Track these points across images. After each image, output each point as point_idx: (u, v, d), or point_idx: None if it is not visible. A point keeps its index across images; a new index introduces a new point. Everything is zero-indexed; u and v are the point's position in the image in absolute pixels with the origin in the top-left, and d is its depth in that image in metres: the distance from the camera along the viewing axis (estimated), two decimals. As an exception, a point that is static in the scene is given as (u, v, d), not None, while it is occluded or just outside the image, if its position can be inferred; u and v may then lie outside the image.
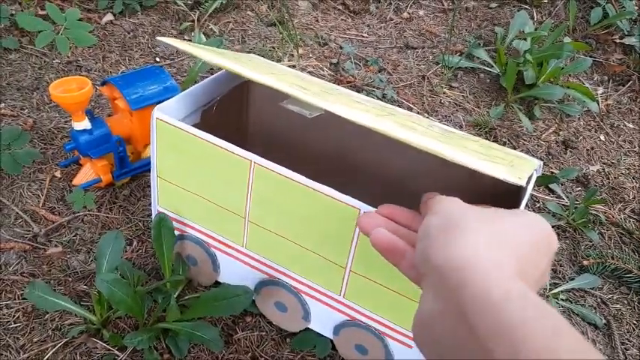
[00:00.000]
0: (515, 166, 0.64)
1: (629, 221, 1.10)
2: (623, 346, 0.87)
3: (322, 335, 0.75)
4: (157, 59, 1.32)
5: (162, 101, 0.95)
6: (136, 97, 0.91)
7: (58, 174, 0.97)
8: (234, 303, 0.67)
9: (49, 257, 0.84)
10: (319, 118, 0.82)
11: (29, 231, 0.88)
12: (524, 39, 1.48)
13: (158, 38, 0.66)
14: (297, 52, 1.35)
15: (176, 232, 0.77)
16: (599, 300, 0.94)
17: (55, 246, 0.86)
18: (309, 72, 1.32)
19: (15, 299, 0.79)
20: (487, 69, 1.44)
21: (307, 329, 0.76)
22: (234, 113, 0.88)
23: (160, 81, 0.95)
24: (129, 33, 1.38)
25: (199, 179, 0.72)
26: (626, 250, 1.04)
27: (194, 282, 0.82)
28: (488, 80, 1.43)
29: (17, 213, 0.90)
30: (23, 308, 0.78)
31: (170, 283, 0.75)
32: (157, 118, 0.70)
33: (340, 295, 0.69)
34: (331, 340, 0.75)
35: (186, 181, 0.73)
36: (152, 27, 1.41)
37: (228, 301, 0.68)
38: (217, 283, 0.81)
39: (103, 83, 0.94)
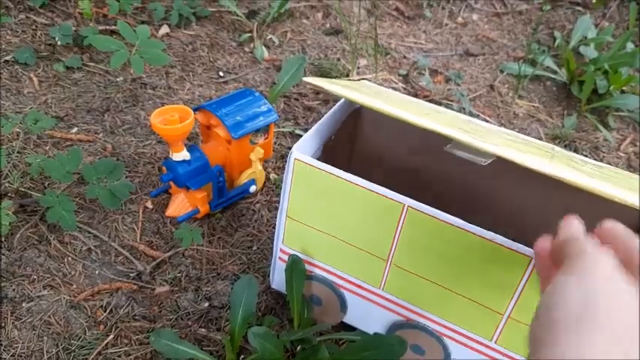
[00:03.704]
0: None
1: None
2: None
3: (462, 379, 0.72)
4: (221, 73, 1.28)
5: (261, 128, 0.92)
6: (235, 124, 0.88)
7: (149, 204, 0.93)
8: (388, 353, 0.64)
9: (158, 297, 0.81)
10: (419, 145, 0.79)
11: (132, 269, 0.84)
12: (587, 44, 1.45)
13: (305, 79, 0.61)
14: (377, 63, 1.31)
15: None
16: None
17: (161, 285, 0.82)
18: (383, 86, 1.28)
19: (132, 345, 0.75)
20: (552, 76, 1.40)
21: (444, 372, 0.73)
22: (343, 143, 0.84)
23: (256, 105, 0.91)
24: (187, 46, 1.33)
25: (338, 220, 0.68)
26: None
27: (317, 322, 0.78)
28: (554, 88, 1.40)
29: (116, 249, 0.86)
30: (142, 355, 0.74)
31: (299, 327, 0.72)
32: (295, 159, 0.66)
33: (491, 341, 0.66)
34: (472, 384, 0.72)
35: (321, 222, 0.69)
36: (209, 39, 1.36)
37: (379, 351, 0.64)
38: (342, 324, 0.78)
39: (197, 109, 0.90)
